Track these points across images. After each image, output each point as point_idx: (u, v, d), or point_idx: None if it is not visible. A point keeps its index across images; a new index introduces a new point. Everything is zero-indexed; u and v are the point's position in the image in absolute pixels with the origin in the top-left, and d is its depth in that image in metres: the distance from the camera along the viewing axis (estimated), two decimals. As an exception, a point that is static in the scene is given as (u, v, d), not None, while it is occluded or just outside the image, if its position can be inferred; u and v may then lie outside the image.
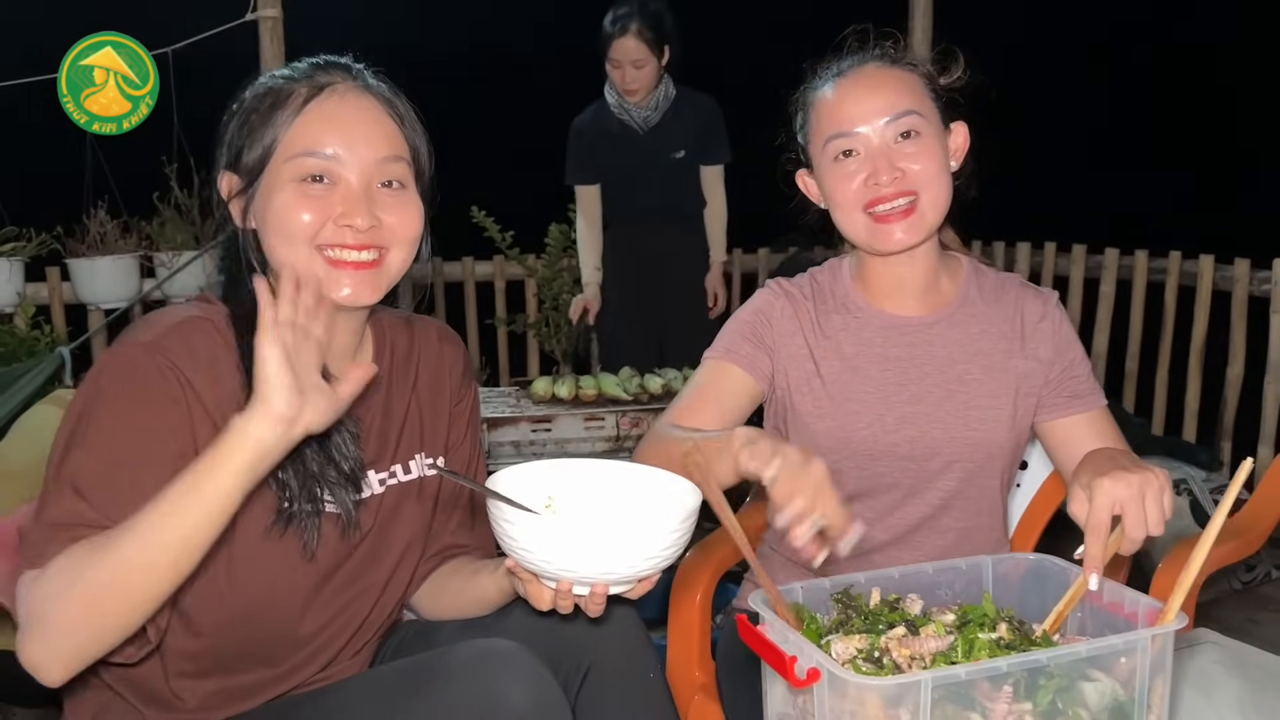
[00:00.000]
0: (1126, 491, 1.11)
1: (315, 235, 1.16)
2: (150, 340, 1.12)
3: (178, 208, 3.64)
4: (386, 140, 1.20)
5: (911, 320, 1.49)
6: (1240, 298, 3.72)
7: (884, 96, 1.41)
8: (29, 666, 1.04)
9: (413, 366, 1.35)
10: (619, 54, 3.33)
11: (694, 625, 1.67)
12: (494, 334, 4.47)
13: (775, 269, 4.63)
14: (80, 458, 1.09)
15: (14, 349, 3.36)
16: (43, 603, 1.02)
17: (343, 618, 1.26)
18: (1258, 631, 2.92)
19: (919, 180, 1.39)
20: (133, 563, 1.00)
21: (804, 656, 0.98)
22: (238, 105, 1.23)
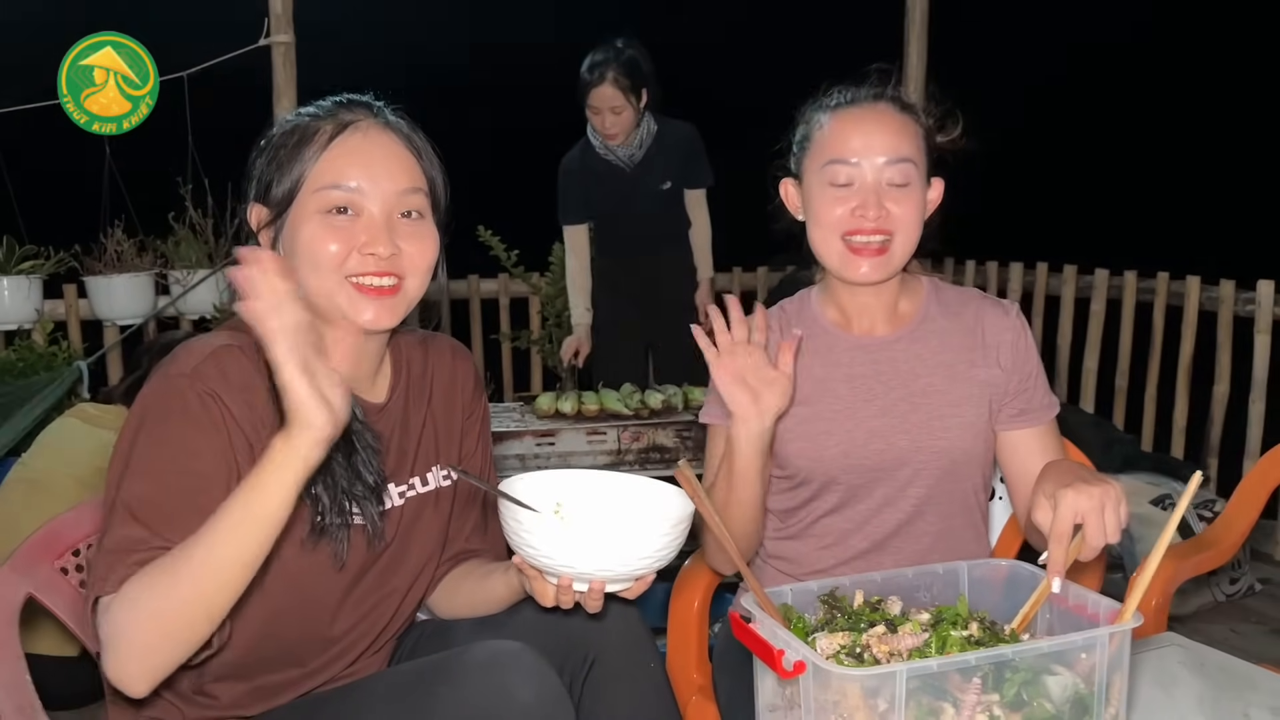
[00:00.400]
0: (1088, 503, 1.20)
1: (342, 264, 1.24)
2: (190, 371, 1.20)
3: (192, 227, 3.73)
4: (406, 173, 1.28)
5: (876, 339, 1.59)
6: (1225, 318, 3.82)
7: (889, 138, 1.49)
8: (115, 682, 1.12)
9: (428, 384, 1.43)
10: (597, 101, 3.44)
11: (692, 630, 1.76)
12: (499, 349, 4.57)
13: (774, 286, 4.74)
14: (134, 485, 1.16)
15: (32, 363, 3.46)
16: (120, 627, 1.10)
17: (367, 621, 1.35)
18: (1239, 642, 3.00)
19: (898, 224, 1.49)
20: (198, 584, 1.08)
21: (791, 651, 1.07)
22: (266, 141, 1.30)
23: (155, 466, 1.17)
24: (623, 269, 3.77)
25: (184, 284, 3.71)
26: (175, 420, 1.18)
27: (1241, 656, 1.44)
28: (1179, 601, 3.18)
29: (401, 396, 1.39)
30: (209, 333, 1.32)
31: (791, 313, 1.64)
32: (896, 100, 1.54)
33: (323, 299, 1.26)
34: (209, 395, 1.19)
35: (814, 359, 1.59)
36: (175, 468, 1.17)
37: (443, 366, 1.46)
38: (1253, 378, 3.72)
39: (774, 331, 1.60)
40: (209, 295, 3.73)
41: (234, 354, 1.24)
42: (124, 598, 1.10)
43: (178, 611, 1.09)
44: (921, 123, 1.54)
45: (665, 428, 2.98)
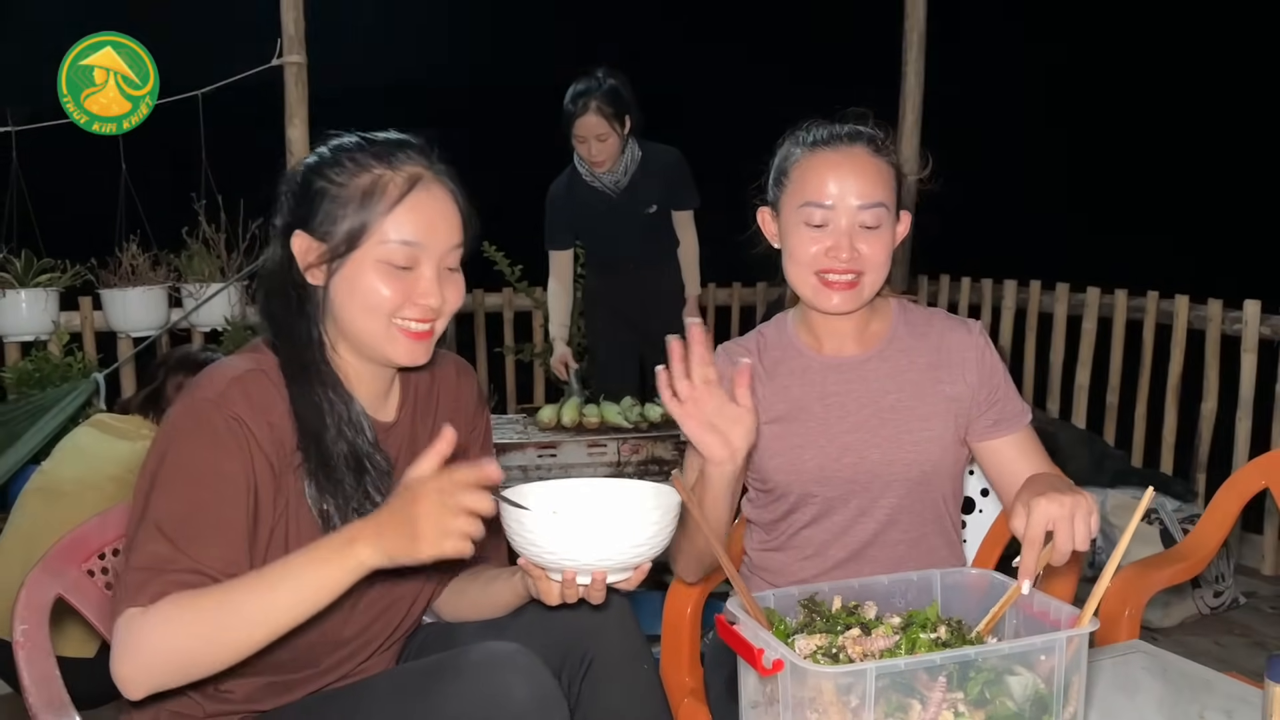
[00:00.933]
0: (1059, 511, 1.29)
1: (395, 311, 1.33)
2: (215, 395, 1.28)
3: (205, 242, 3.83)
4: (456, 231, 1.38)
5: (847, 359, 1.67)
6: (1213, 337, 3.91)
7: (864, 183, 1.56)
8: (118, 680, 1.21)
9: (434, 401, 1.52)
10: (582, 130, 3.54)
11: (684, 635, 1.85)
12: (502, 362, 4.67)
13: (772, 300, 4.83)
14: (162, 503, 1.24)
15: (49, 373, 3.56)
16: (144, 641, 1.18)
17: (378, 624, 1.44)
18: (1222, 654, 3.07)
19: (868, 264, 1.57)
20: (231, 632, 1.18)
21: (770, 650, 1.16)
22: (321, 177, 1.34)
23: (182, 486, 1.25)
24: (614, 286, 3.90)
25: (197, 297, 3.80)
26: (203, 443, 1.26)
27: (1224, 669, 1.51)
28: (1162, 614, 3.26)
29: (409, 414, 1.48)
30: (232, 356, 1.40)
31: (770, 336, 1.73)
32: (873, 141, 1.60)
33: (366, 337, 1.36)
34: (234, 419, 1.28)
35: (791, 379, 1.68)
36: (202, 488, 1.25)
37: (448, 384, 1.54)
38: (1239, 395, 3.80)
39: (752, 354, 1.70)
40: (221, 308, 3.83)
41: (258, 378, 1.33)
42: (159, 617, 1.18)
43: (210, 648, 1.18)
44: (893, 162, 1.61)
45: (664, 440, 3.07)
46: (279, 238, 1.39)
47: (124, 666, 1.20)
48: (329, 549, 1.19)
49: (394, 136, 1.39)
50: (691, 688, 1.82)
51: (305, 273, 1.36)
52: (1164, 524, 3.34)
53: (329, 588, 1.18)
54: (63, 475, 2.58)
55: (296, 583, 1.18)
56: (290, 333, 1.37)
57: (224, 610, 1.18)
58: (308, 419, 1.33)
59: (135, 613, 1.20)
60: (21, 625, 1.45)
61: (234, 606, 1.18)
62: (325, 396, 1.35)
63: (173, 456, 1.26)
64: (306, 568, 1.18)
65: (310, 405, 1.34)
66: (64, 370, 3.57)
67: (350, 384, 1.39)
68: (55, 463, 2.65)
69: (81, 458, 2.59)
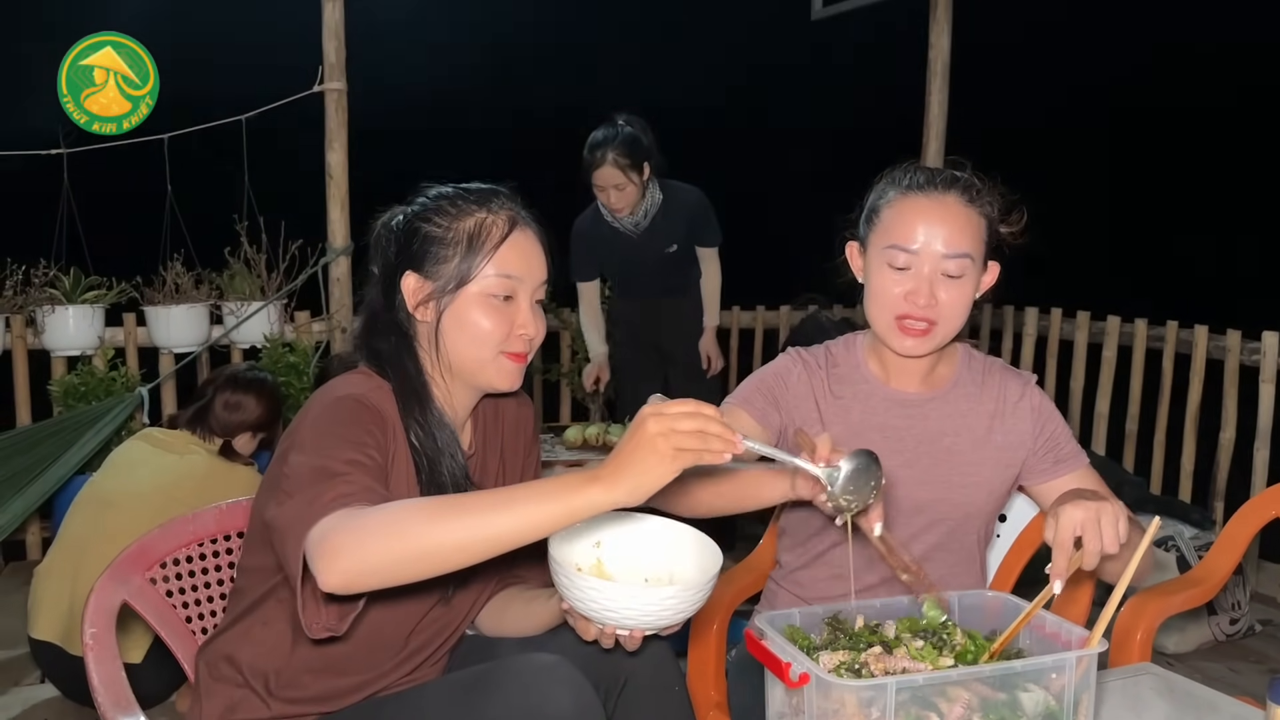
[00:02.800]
0: (1084, 515, 1.36)
1: (501, 342, 1.46)
2: (358, 393, 1.41)
3: (246, 261, 3.95)
4: (544, 267, 1.52)
5: (911, 396, 1.72)
6: (1232, 367, 3.95)
7: (951, 233, 1.58)
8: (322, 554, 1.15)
9: (499, 430, 1.63)
10: (600, 180, 3.64)
11: (710, 650, 1.92)
12: (530, 381, 4.75)
13: (796, 325, 4.90)
14: (320, 458, 1.29)
15: (93, 388, 3.67)
16: (367, 525, 1.15)
17: (435, 633, 1.54)
18: (1236, 680, 3.11)
19: (945, 313, 1.60)
20: (456, 534, 1.14)
21: (797, 664, 1.24)
22: (426, 223, 1.47)
23: (342, 451, 1.31)
24: (639, 310, 4.03)
25: (237, 315, 3.92)
26: (355, 419, 1.38)
27: (1238, 694, 1.57)
28: (1178, 639, 3.30)
29: (480, 442, 1.59)
30: (348, 375, 1.50)
31: (838, 355, 1.77)
32: (968, 190, 1.62)
33: (473, 366, 1.48)
34: (375, 410, 1.41)
35: (853, 403, 1.73)
36: (358, 452, 1.32)
37: (509, 414, 1.65)
38: (1258, 425, 3.84)
39: (821, 369, 1.74)
40: (260, 326, 3.95)
41: (384, 394, 1.45)
42: (383, 509, 1.17)
43: (425, 542, 1.14)
44: (986, 213, 1.63)
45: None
46: (380, 281, 1.52)
47: (335, 537, 1.15)
48: (568, 484, 1.14)
49: (485, 186, 1.52)
50: (717, 701, 1.89)
51: (414, 310, 1.48)
52: (1181, 551, 3.39)
53: (556, 521, 1.15)
54: (113, 487, 2.68)
55: (528, 505, 1.14)
56: (400, 367, 1.48)
57: (452, 509, 1.15)
58: (427, 446, 1.45)
59: (355, 510, 1.19)
60: (91, 629, 1.55)
61: (464, 510, 1.15)
62: (437, 424, 1.47)
63: (319, 427, 1.35)
64: (543, 496, 1.14)
65: (428, 434, 1.45)
66: (108, 385, 3.69)
67: (452, 413, 1.51)
68: (105, 475, 2.75)
69: (131, 470, 2.70)
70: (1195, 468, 4.11)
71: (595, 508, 1.13)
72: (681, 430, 1.10)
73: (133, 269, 3.90)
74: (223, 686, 1.47)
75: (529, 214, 1.52)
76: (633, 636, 1.35)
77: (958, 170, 1.65)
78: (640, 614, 1.28)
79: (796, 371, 1.75)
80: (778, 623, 1.38)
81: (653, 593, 1.29)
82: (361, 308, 1.58)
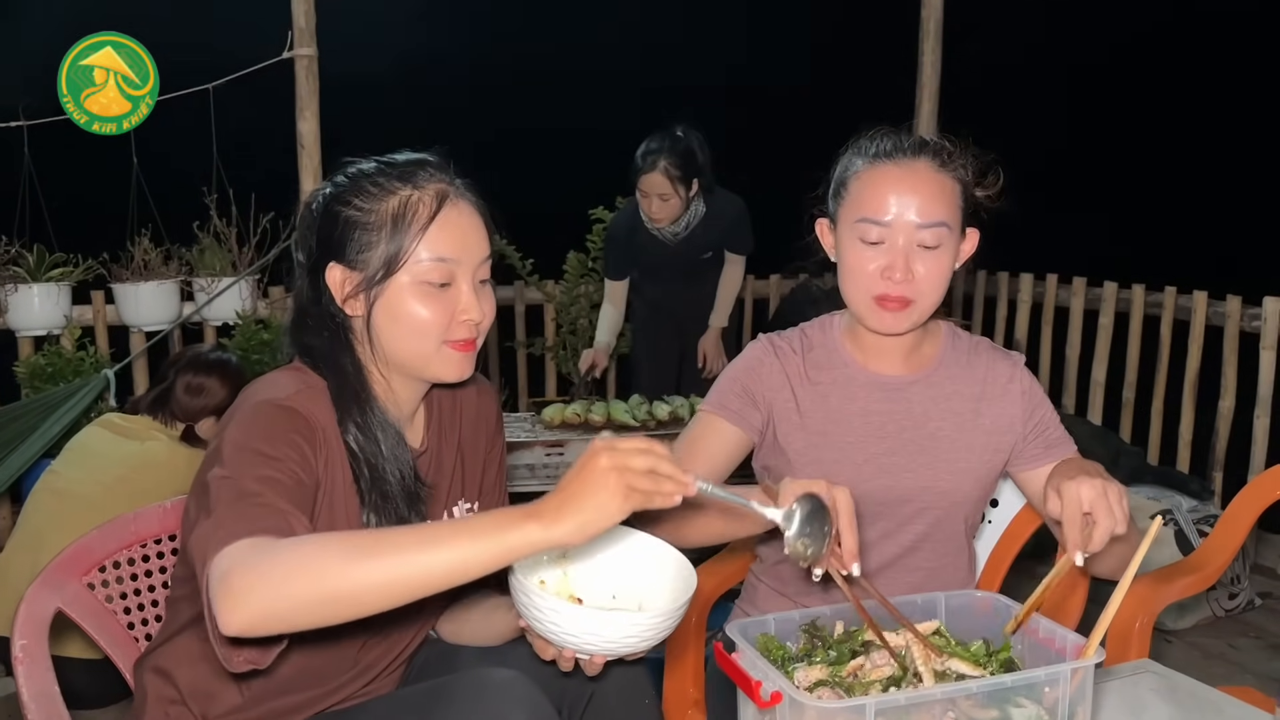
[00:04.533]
0: (1092, 492, 1.28)
1: (443, 332, 1.33)
2: (282, 396, 1.28)
3: (216, 236, 3.83)
4: (485, 242, 1.37)
5: (893, 379, 1.62)
6: (1232, 333, 3.85)
7: (924, 201, 1.48)
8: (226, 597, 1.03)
9: (456, 422, 1.50)
10: (646, 186, 3.53)
11: (689, 645, 1.83)
12: (514, 356, 4.65)
13: (786, 294, 4.80)
14: (237, 474, 1.18)
15: (61, 368, 3.56)
16: (277, 561, 1.04)
17: (389, 645, 1.44)
18: (1236, 656, 3.04)
19: (922, 288, 1.51)
20: (378, 575, 1.03)
21: (769, 682, 1.14)
22: (346, 206, 1.32)
23: (259, 467, 1.19)
24: (662, 293, 3.95)
25: (208, 292, 3.81)
26: (281, 430, 1.24)
27: (1238, 672, 1.49)
28: (1176, 616, 3.23)
29: (435, 437, 1.47)
30: (279, 372, 1.37)
31: (814, 339, 1.67)
32: (939, 154, 1.53)
33: (415, 360, 1.35)
34: (304, 417, 1.27)
35: (832, 389, 1.63)
36: (277, 470, 1.20)
37: (469, 404, 1.53)
38: (1258, 393, 3.75)
39: (796, 355, 1.63)
40: (232, 303, 3.83)
41: (315, 394, 1.32)
42: (298, 543, 1.07)
43: (344, 584, 1.03)
44: (960, 177, 1.53)
45: (671, 440, 3.04)
46: (307, 273, 1.38)
47: (243, 580, 1.03)
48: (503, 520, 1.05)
49: (411, 156, 1.37)
50: (695, 699, 1.80)
51: (343, 304, 1.35)
52: (1179, 525, 3.31)
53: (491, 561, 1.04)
54: (72, 477, 2.59)
55: (459, 544, 1.04)
56: (335, 365, 1.35)
57: (374, 547, 1.04)
58: (367, 451, 1.32)
59: (266, 540, 1.08)
60: (20, 640, 1.45)
61: (390, 550, 1.03)
62: (375, 422, 1.34)
63: (239, 438, 1.22)
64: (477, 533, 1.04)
65: (368, 437, 1.32)
66: (76, 365, 3.58)
67: (387, 406, 1.38)
68: (64, 463, 2.66)
69: (90, 458, 2.60)
70: (1194, 437, 4.02)
71: (534, 546, 1.04)
72: (634, 468, 1.03)
73: (99, 245, 3.78)
74: (159, 704, 1.38)
75: (462, 184, 1.37)
76: (593, 662, 1.26)
77: (926, 136, 1.56)
78: (602, 640, 1.18)
79: (768, 360, 1.65)
80: (751, 632, 1.29)
81: (617, 620, 1.18)
82: (291, 298, 1.44)
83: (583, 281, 4.45)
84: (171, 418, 2.66)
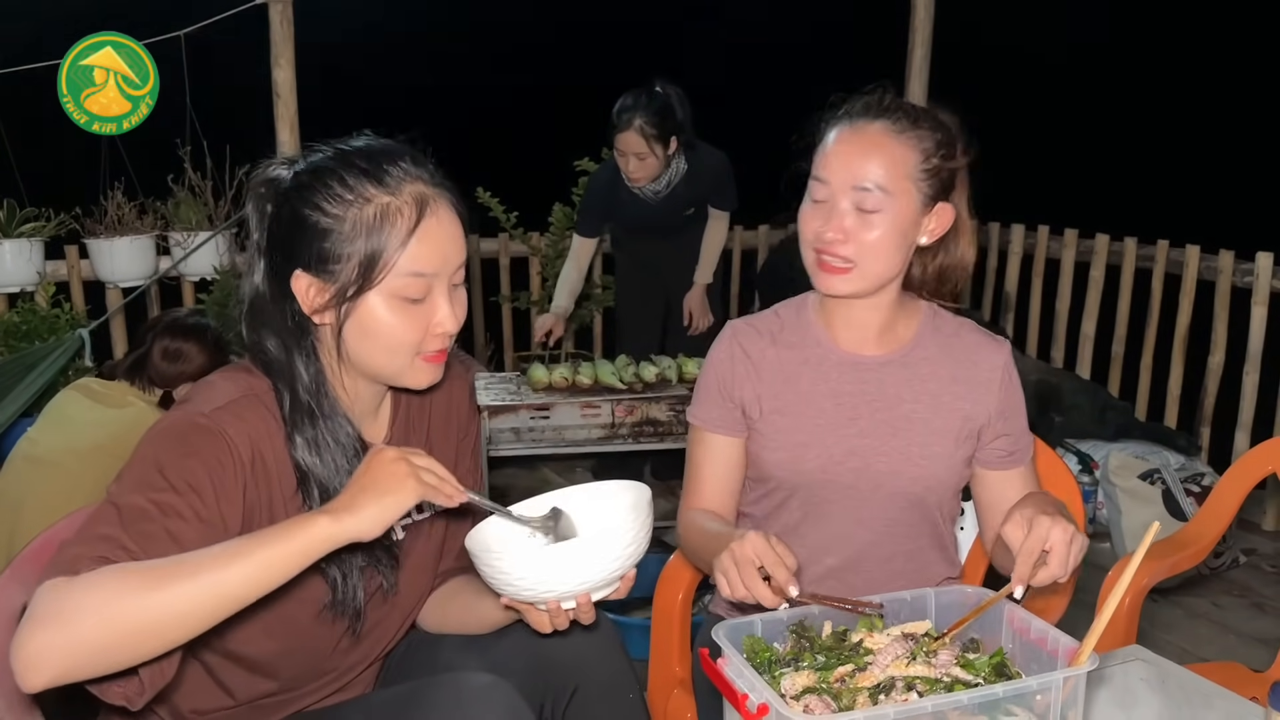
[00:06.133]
0: (1061, 535, 1.26)
1: (417, 346, 1.26)
2: (209, 411, 1.21)
3: (191, 189, 3.74)
4: (463, 248, 1.28)
5: (866, 359, 1.59)
6: (1224, 288, 3.82)
7: (867, 163, 1.46)
8: (20, 660, 1.03)
9: (426, 412, 1.44)
10: (622, 145, 3.43)
11: (674, 623, 1.81)
12: (499, 311, 4.59)
13: (774, 245, 4.73)
14: (133, 496, 1.15)
15: (35, 326, 3.49)
16: (66, 608, 1.02)
17: (363, 647, 1.40)
18: (1220, 616, 3.05)
19: (860, 252, 1.48)
20: (177, 603, 1.04)
21: (755, 694, 1.12)
22: (314, 209, 1.22)
23: (157, 489, 1.15)
24: (646, 251, 3.88)
25: (185, 246, 3.73)
26: (185, 450, 1.18)
27: (1221, 633, 1.47)
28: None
29: (402, 428, 1.41)
30: (221, 376, 1.30)
31: (786, 319, 1.64)
32: (899, 120, 1.49)
33: (385, 372, 1.28)
34: (224, 441, 1.20)
35: (803, 369, 1.59)
36: (168, 492, 1.16)
37: (440, 392, 1.45)
38: (1248, 349, 3.73)
39: (763, 338, 1.61)
40: (209, 257, 3.75)
41: (254, 405, 1.25)
42: (86, 583, 1.04)
43: (138, 619, 1.03)
44: (920, 146, 1.48)
45: (658, 402, 3.02)
46: (264, 267, 1.28)
47: (31, 642, 1.02)
48: (296, 522, 1.10)
49: (378, 146, 1.26)
50: (680, 678, 1.79)
51: (312, 315, 1.26)
52: (1166, 484, 3.30)
53: (288, 565, 1.08)
54: (48, 444, 2.53)
55: (256, 556, 1.07)
56: (290, 373, 1.27)
57: (168, 578, 1.04)
58: (314, 467, 1.26)
59: (62, 581, 1.05)
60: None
61: (181, 574, 1.05)
62: (328, 436, 1.27)
63: (160, 457, 1.18)
64: (270, 540, 1.08)
65: (318, 451, 1.26)
66: (51, 322, 3.51)
67: (348, 407, 1.32)
68: (40, 429, 2.60)
69: (67, 424, 2.54)
70: (1182, 392, 4.01)
71: (330, 541, 1.11)
72: (418, 463, 1.14)
73: (71, 200, 3.68)
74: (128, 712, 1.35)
75: (439, 182, 1.27)
76: (582, 606, 1.23)
77: (899, 101, 1.53)
78: (569, 572, 1.18)
79: (736, 354, 1.61)
80: (737, 634, 1.26)
81: (575, 549, 1.20)
82: (243, 283, 1.32)
83: (568, 234, 4.36)
84: (150, 384, 2.60)
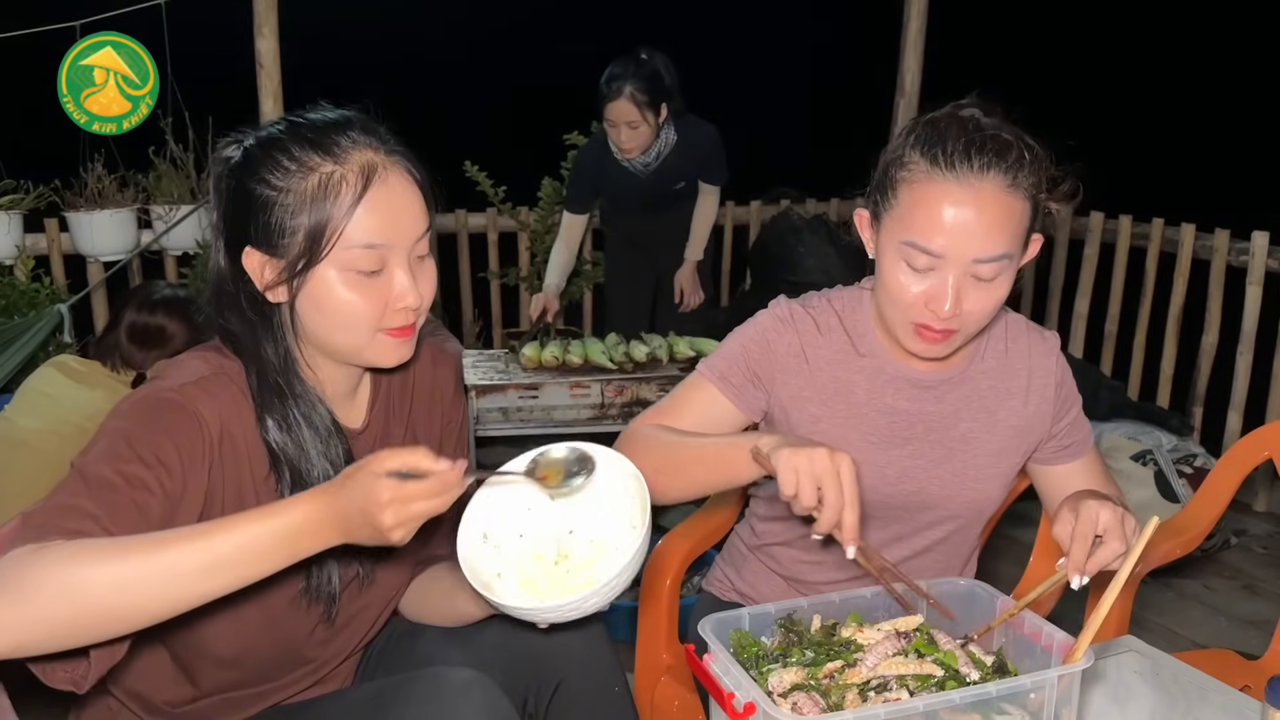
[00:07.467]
0: (1111, 515, 1.22)
1: (378, 321, 1.20)
2: (177, 387, 1.17)
3: (173, 161, 3.67)
4: (421, 216, 1.22)
5: (924, 375, 1.47)
6: (1218, 268, 3.79)
7: (987, 232, 1.28)
8: None
9: (408, 396, 1.39)
10: (613, 115, 3.37)
11: (663, 608, 1.77)
12: (487, 287, 4.54)
13: (767, 222, 4.67)
14: (100, 466, 1.11)
15: (14, 300, 3.44)
16: (27, 580, 0.99)
17: (341, 638, 1.36)
18: (1210, 598, 3.05)
19: (969, 321, 1.34)
20: (144, 582, 1.00)
21: (742, 692, 1.09)
22: (260, 183, 1.17)
23: (125, 460, 1.11)
24: (636, 226, 3.83)
25: (166, 220, 3.67)
26: (159, 430, 1.14)
27: (1212, 615, 1.44)
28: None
29: (381, 414, 1.35)
30: (194, 352, 1.26)
31: (843, 316, 1.49)
32: (1012, 170, 1.29)
33: (346, 350, 1.23)
34: (195, 418, 1.16)
35: (858, 376, 1.47)
36: (141, 469, 1.12)
37: (423, 376, 1.41)
38: (1242, 329, 3.70)
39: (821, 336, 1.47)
40: (192, 231, 3.69)
41: (224, 383, 1.21)
42: (54, 555, 1.00)
43: (102, 597, 0.99)
44: (1031, 194, 1.31)
45: (649, 382, 2.98)
46: (222, 245, 1.23)
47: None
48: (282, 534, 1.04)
49: (329, 116, 1.20)
50: (669, 664, 1.76)
51: (265, 292, 1.21)
52: (1159, 466, 3.28)
53: (270, 567, 1.05)
54: (26, 425, 2.47)
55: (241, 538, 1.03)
56: (257, 353, 1.22)
57: (137, 556, 1.00)
58: (286, 448, 1.22)
59: (29, 549, 1.01)
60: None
61: (153, 552, 1.01)
62: (300, 417, 1.23)
63: (118, 426, 1.14)
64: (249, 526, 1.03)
65: (286, 431, 1.22)
66: (31, 296, 3.46)
67: (319, 389, 1.27)
68: (17, 409, 2.54)
69: (44, 403, 2.49)
70: (1175, 372, 3.98)
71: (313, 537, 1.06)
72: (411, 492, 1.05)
73: (51, 172, 3.61)
74: (100, 695, 1.32)
75: (392, 148, 1.20)
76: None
77: (1003, 135, 1.30)
78: (567, 612, 1.12)
79: (787, 339, 1.47)
80: (723, 628, 1.23)
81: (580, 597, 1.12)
82: (210, 268, 1.28)
83: (557, 209, 4.31)
84: (122, 364, 2.51)
